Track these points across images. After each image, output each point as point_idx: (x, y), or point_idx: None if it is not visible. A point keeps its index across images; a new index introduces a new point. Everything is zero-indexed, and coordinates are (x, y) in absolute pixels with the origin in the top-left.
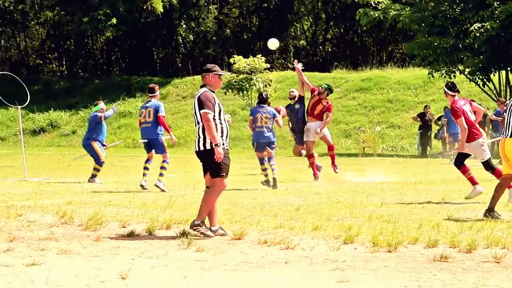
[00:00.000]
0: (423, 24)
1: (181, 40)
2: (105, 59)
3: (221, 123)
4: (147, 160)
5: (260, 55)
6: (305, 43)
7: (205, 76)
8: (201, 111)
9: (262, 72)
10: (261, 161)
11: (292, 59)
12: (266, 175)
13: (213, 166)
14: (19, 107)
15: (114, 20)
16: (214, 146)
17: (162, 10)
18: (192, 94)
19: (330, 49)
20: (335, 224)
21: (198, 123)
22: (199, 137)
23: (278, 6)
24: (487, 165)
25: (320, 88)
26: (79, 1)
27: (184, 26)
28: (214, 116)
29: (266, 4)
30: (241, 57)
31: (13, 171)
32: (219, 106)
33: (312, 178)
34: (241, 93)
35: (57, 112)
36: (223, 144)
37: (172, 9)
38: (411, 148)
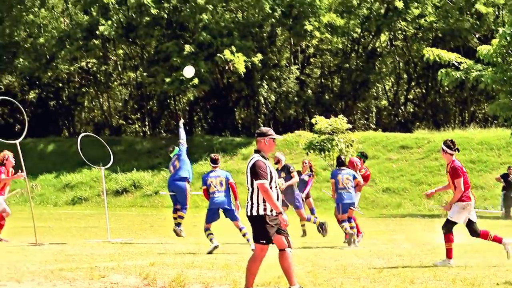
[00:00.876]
0: (505, 85)
1: (263, 101)
2: (187, 119)
3: (272, 191)
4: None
5: (342, 115)
6: (387, 103)
7: (260, 141)
8: (257, 182)
9: (344, 133)
10: (343, 221)
11: (375, 120)
12: (347, 233)
13: (256, 231)
14: (103, 167)
15: (196, 81)
16: (278, 215)
17: (244, 70)
18: (272, 154)
19: (412, 109)
20: (418, 287)
21: (248, 189)
22: (248, 202)
23: (359, 66)
24: (448, 224)
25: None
26: (162, 62)
27: (266, 86)
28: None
29: (347, 65)
30: (322, 117)
31: (96, 231)
32: (271, 173)
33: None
34: (322, 154)
35: (139, 173)
36: (271, 211)
37: (254, 70)
38: (494, 209)
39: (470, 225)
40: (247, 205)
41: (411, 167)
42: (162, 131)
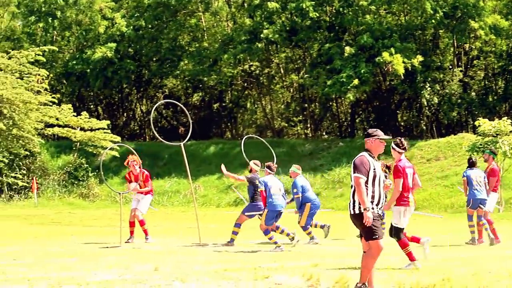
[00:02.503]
0: None
1: (425, 103)
2: (349, 121)
3: (373, 189)
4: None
5: (506, 117)
6: None
7: (367, 141)
8: (353, 174)
9: (508, 135)
10: (470, 218)
11: None
12: (472, 232)
13: (365, 229)
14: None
15: (355, 81)
16: (363, 210)
17: (403, 71)
18: (436, 157)
19: None
20: None
21: (352, 186)
22: (350, 201)
23: None
24: (395, 231)
25: (484, 155)
26: (324, 64)
27: (428, 88)
28: (366, 181)
29: None
30: (486, 119)
31: (259, 232)
32: (374, 172)
33: None
34: None
35: None
36: (372, 209)
37: (416, 72)
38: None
39: (401, 230)
40: (349, 203)
41: None
42: (324, 133)
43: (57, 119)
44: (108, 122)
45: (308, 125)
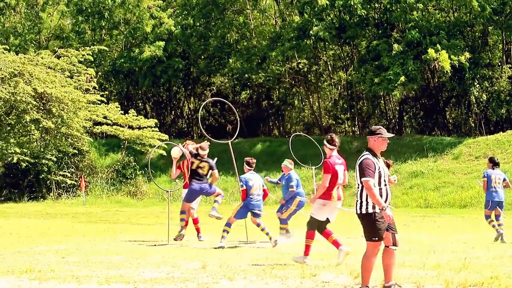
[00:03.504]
0: None
1: (474, 100)
2: (397, 119)
3: (380, 188)
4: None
5: None
6: None
7: (369, 139)
8: (362, 179)
9: None
10: (487, 217)
11: None
12: (496, 226)
13: (366, 229)
14: (313, 167)
15: (402, 78)
16: (380, 211)
17: (449, 68)
18: (485, 154)
19: None
20: None
21: (358, 186)
22: (357, 200)
23: None
24: (310, 221)
25: None
26: (372, 60)
27: (477, 85)
28: (375, 182)
29: None
30: None
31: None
32: (379, 171)
33: None
34: None
35: (348, 172)
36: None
37: (464, 69)
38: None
39: (323, 223)
40: (356, 202)
41: None
42: None
43: (105, 117)
44: (156, 120)
45: (356, 122)
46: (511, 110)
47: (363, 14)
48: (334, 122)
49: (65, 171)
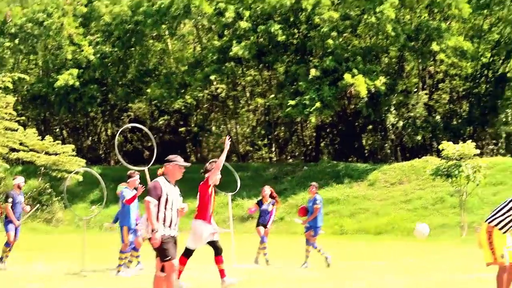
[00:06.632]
0: None
1: (390, 127)
2: (314, 145)
3: (165, 212)
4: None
5: (470, 140)
6: None
7: (166, 166)
8: (145, 198)
9: (472, 158)
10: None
11: (504, 145)
12: None
13: (158, 251)
14: (229, 194)
15: (318, 104)
16: (151, 232)
17: (366, 93)
18: (400, 181)
19: None
20: None
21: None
22: (147, 225)
23: (488, 91)
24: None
25: None
26: (290, 85)
27: (394, 112)
28: (159, 205)
29: (477, 90)
30: (450, 143)
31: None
32: (166, 196)
33: None
34: (449, 179)
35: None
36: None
37: (380, 95)
38: None
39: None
40: (147, 226)
41: None
42: (289, 157)
43: (21, 143)
44: (73, 146)
45: (273, 149)
46: (426, 136)
47: (282, 40)
48: (251, 148)
49: None
